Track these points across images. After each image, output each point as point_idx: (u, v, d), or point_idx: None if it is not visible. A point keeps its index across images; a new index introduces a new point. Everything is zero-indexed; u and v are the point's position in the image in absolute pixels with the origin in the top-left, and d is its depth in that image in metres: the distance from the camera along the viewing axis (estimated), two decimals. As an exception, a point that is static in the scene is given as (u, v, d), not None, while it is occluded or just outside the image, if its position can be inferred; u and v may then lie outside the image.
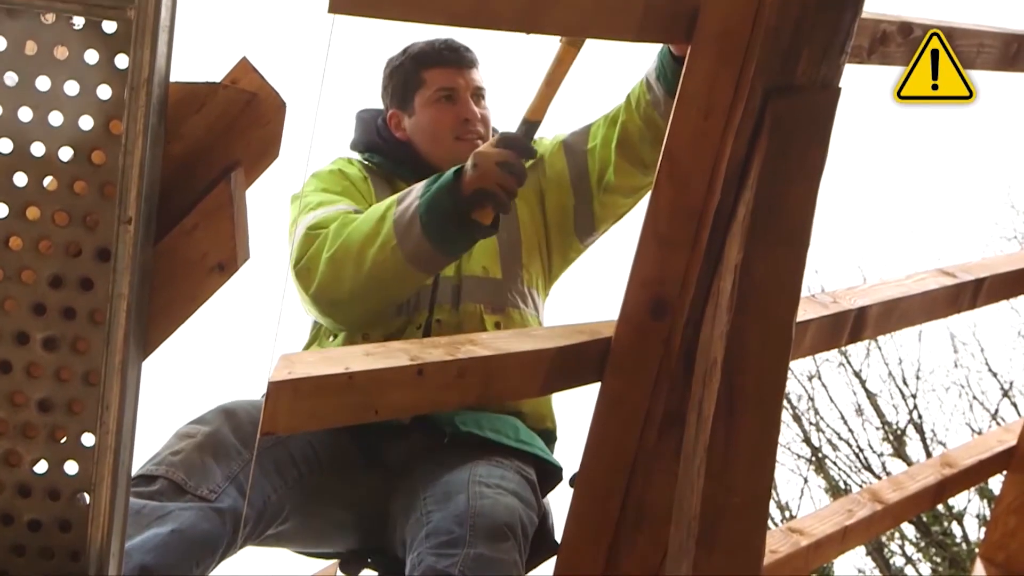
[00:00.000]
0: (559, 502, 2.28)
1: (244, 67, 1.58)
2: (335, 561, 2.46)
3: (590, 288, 2.79)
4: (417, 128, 2.57)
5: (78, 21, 1.35)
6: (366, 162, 2.61)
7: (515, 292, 2.49)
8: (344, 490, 2.28)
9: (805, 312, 2.21)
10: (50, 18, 1.35)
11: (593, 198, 2.53)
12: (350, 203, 2.40)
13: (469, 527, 1.99)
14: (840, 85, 1.83)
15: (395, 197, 2.24)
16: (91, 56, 1.36)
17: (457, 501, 2.06)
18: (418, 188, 2.20)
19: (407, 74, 2.59)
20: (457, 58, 2.56)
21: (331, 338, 2.40)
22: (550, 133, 2.65)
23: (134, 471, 1.94)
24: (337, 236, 2.23)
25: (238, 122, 1.56)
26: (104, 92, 1.37)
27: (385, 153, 2.59)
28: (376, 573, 2.43)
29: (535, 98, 2.30)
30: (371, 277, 2.19)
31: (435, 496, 2.11)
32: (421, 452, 2.27)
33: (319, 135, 1.70)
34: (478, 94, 2.57)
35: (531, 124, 2.30)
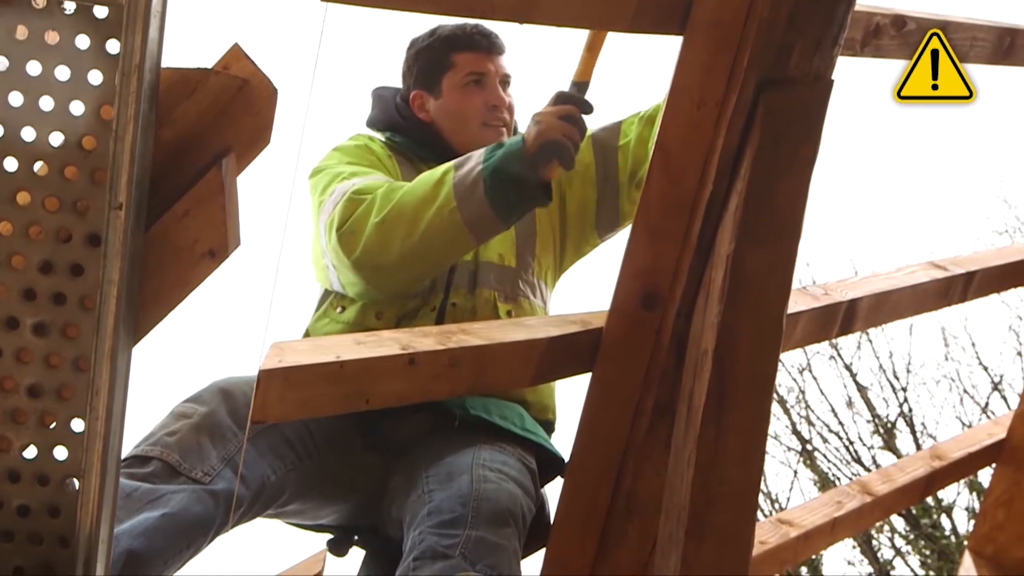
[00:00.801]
0: (552, 491, 2.28)
1: (236, 53, 1.58)
2: (322, 550, 2.45)
3: (582, 278, 2.78)
4: (443, 111, 2.57)
5: (69, 6, 1.35)
6: (387, 141, 2.60)
7: (526, 282, 2.49)
8: (343, 471, 2.28)
9: (796, 304, 2.22)
10: (41, 3, 1.34)
11: (620, 194, 2.52)
12: (383, 175, 2.39)
13: (472, 509, 1.98)
14: (833, 78, 1.83)
15: (452, 163, 2.22)
16: (82, 41, 1.36)
17: (460, 482, 2.06)
18: (478, 154, 2.19)
19: (436, 55, 2.58)
20: (488, 43, 2.56)
21: (339, 310, 2.38)
22: None
23: (128, 450, 1.95)
24: (387, 201, 2.20)
25: (230, 108, 1.56)
26: (95, 77, 1.37)
27: (406, 133, 2.58)
28: (363, 551, 2.43)
29: (580, 62, 2.31)
30: (424, 241, 2.17)
31: (438, 476, 2.11)
32: (424, 433, 2.27)
33: (311, 122, 1.70)
34: (505, 81, 2.58)
35: (580, 85, 2.30)
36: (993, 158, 19.15)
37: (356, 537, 2.41)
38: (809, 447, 12.97)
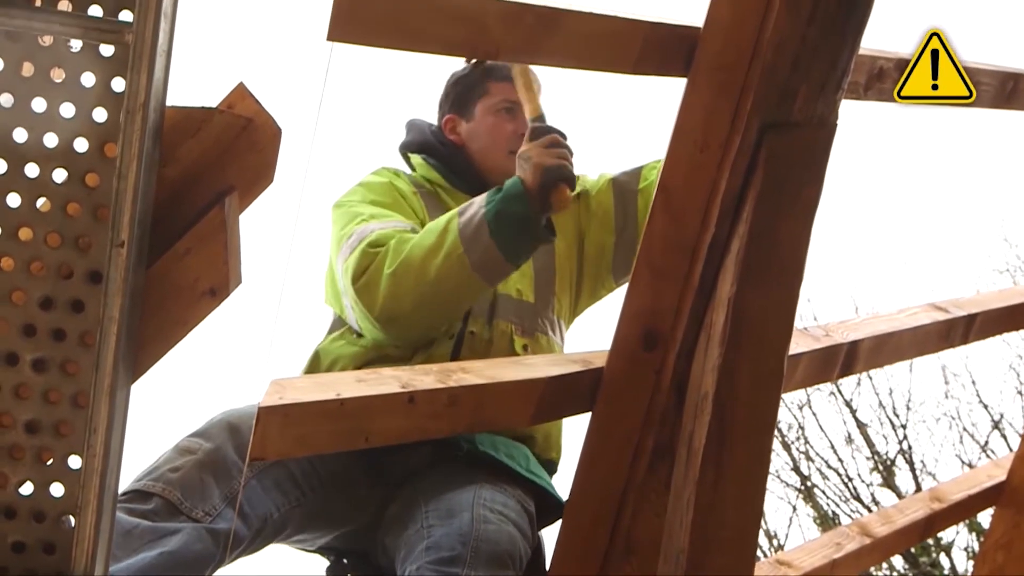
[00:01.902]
0: (550, 532, 2.27)
1: (241, 92, 1.58)
2: None
3: (583, 318, 2.78)
4: (474, 133, 2.63)
5: (76, 44, 1.36)
6: (415, 171, 2.64)
7: (545, 318, 2.51)
8: (345, 504, 2.27)
9: (797, 345, 2.21)
10: (48, 40, 1.35)
11: (639, 238, 2.53)
12: (403, 219, 2.42)
13: (472, 549, 1.98)
14: (836, 121, 1.84)
15: (455, 210, 2.25)
16: (87, 79, 1.37)
17: (462, 519, 2.05)
18: (480, 199, 2.22)
19: (473, 83, 2.65)
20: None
21: (356, 336, 2.39)
22: (594, 172, 2.71)
23: (130, 482, 1.94)
24: (397, 253, 2.23)
25: (233, 147, 1.57)
26: (100, 115, 1.37)
27: (439, 156, 2.62)
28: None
29: (525, 102, 2.39)
30: (435, 289, 2.20)
31: (438, 511, 2.10)
32: (426, 465, 2.27)
33: (315, 162, 1.70)
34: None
35: (539, 118, 2.35)
36: (994, 197, 19.18)
37: (346, 561, 2.40)
38: (808, 484, 12.92)
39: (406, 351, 2.33)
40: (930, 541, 11.55)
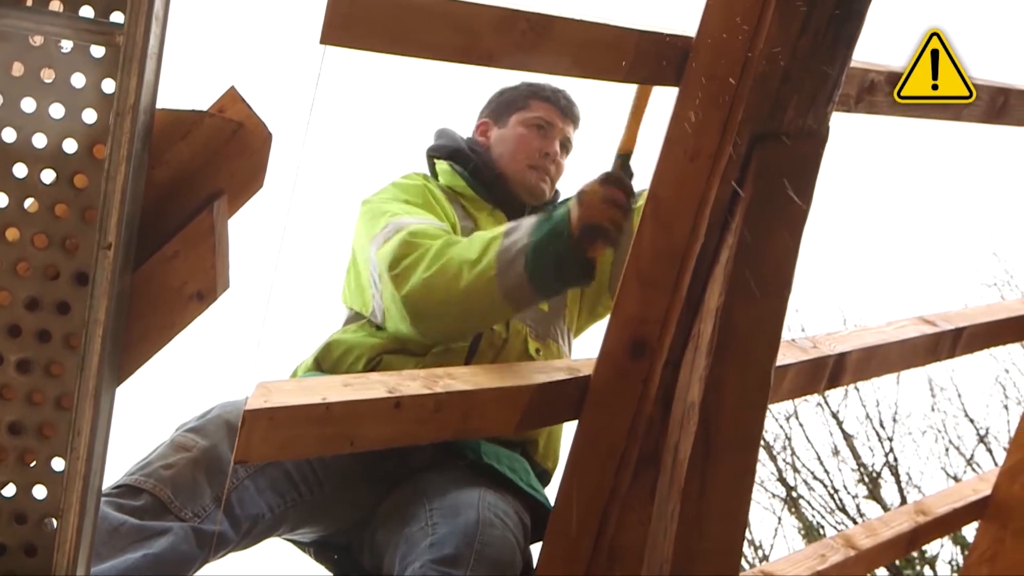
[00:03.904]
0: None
1: (232, 96, 1.58)
2: None
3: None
4: (502, 139, 2.71)
5: (66, 45, 1.35)
6: (438, 179, 2.68)
7: (557, 327, 2.56)
8: (341, 503, 2.28)
9: (784, 356, 2.21)
10: (38, 40, 1.34)
11: None
12: (436, 219, 2.44)
13: (476, 552, 1.98)
14: (827, 134, 1.84)
15: (503, 228, 2.25)
16: (78, 80, 1.36)
17: (467, 517, 2.06)
18: (527, 224, 2.21)
19: (516, 96, 2.75)
20: (566, 106, 2.72)
21: (376, 327, 2.41)
22: None
23: (122, 476, 1.93)
24: (438, 258, 2.24)
25: (223, 151, 1.56)
26: (89, 116, 1.37)
27: (466, 163, 2.67)
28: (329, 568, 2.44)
29: (624, 131, 2.34)
30: (462, 302, 2.21)
31: (442, 509, 2.11)
32: (429, 465, 2.28)
33: (306, 167, 1.70)
34: (565, 144, 2.72)
35: (624, 157, 2.34)
36: (983, 211, 19.25)
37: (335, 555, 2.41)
38: (794, 494, 12.93)
39: (424, 346, 2.35)
40: (915, 554, 11.57)
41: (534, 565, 2.26)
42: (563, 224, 2.15)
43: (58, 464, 1.42)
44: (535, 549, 2.21)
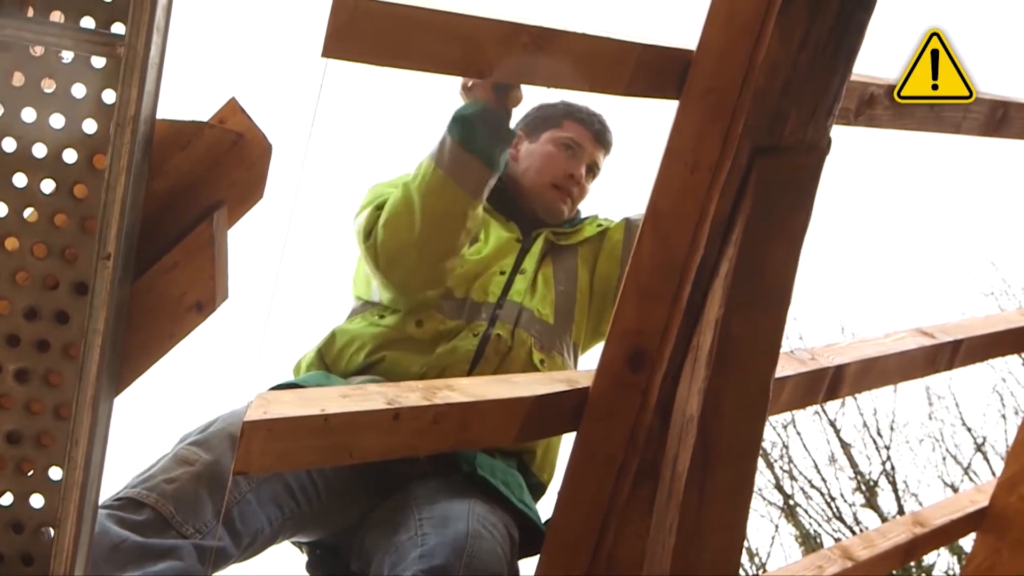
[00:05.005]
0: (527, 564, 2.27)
1: (232, 107, 1.58)
2: None
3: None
4: (530, 154, 2.75)
5: (67, 55, 1.35)
6: None
7: (563, 341, 2.56)
8: (337, 512, 2.27)
9: (783, 368, 2.21)
10: (39, 51, 1.34)
11: None
12: None
13: (464, 563, 1.98)
14: (826, 147, 1.84)
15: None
16: (78, 90, 1.36)
17: (456, 530, 2.06)
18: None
19: (552, 113, 2.78)
20: (599, 131, 2.76)
21: (379, 316, 2.45)
22: (618, 216, 2.79)
23: (123, 488, 1.92)
24: (390, 202, 2.34)
25: (223, 162, 1.56)
26: (90, 127, 1.37)
27: None
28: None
29: None
30: (423, 216, 2.28)
31: (432, 519, 2.10)
32: (422, 474, 2.28)
33: (306, 178, 1.70)
34: (592, 168, 2.76)
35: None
36: (981, 221, 19.26)
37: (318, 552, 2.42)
38: (791, 503, 12.92)
39: (426, 333, 2.37)
40: (912, 564, 11.56)
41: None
42: (468, 102, 2.30)
43: (56, 473, 1.42)
44: (523, 565, 2.22)
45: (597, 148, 2.75)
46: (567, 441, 2.29)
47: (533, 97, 2.89)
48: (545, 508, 2.38)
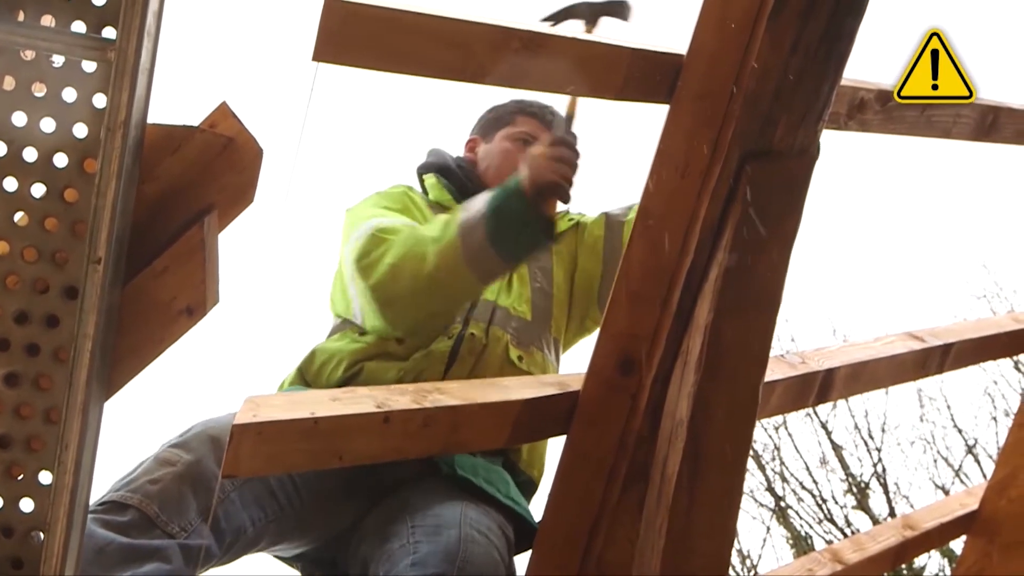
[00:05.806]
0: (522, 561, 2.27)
1: (223, 112, 1.58)
2: None
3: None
4: (488, 153, 2.77)
5: (58, 59, 1.35)
6: (427, 194, 2.74)
7: (542, 336, 2.56)
8: (321, 516, 2.26)
9: (773, 372, 2.21)
10: (30, 55, 1.34)
11: None
12: (411, 221, 2.49)
13: (458, 569, 1.97)
14: (817, 151, 1.84)
15: (462, 206, 2.31)
16: (69, 94, 1.36)
17: (448, 537, 2.05)
18: (484, 195, 2.27)
19: (504, 112, 2.81)
20: (552, 121, 2.74)
21: (359, 333, 2.43)
22: (595, 212, 2.79)
23: (107, 492, 1.92)
24: (402, 244, 2.30)
25: (214, 166, 1.56)
26: (80, 131, 1.37)
27: (453, 178, 2.73)
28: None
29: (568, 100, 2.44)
30: (430, 279, 2.24)
31: (424, 527, 2.09)
32: (409, 478, 2.27)
33: (297, 183, 1.70)
34: None
35: (568, 119, 2.42)
36: (973, 224, 19.30)
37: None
38: (783, 504, 12.94)
39: (407, 349, 2.36)
40: (903, 567, 11.58)
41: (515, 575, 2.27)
42: (517, 187, 2.22)
43: (45, 477, 1.42)
44: (519, 561, 2.22)
45: None
46: (555, 440, 2.28)
47: (486, 99, 2.95)
48: (537, 507, 2.38)
